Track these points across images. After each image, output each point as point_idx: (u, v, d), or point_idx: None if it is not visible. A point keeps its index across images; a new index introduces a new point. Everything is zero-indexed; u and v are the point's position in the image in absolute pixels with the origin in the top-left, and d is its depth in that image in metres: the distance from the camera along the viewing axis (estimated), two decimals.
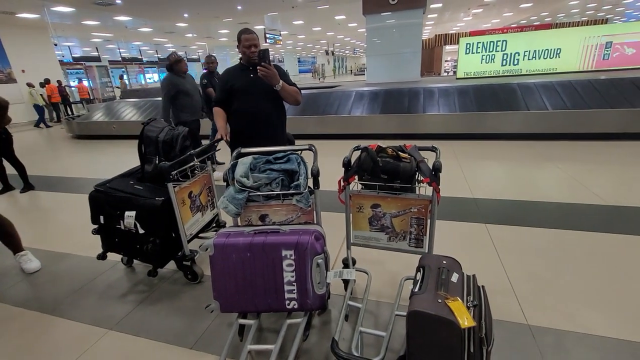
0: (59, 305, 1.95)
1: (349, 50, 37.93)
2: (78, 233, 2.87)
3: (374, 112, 5.71)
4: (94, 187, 1.96)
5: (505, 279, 1.92)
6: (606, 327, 1.54)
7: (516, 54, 7.64)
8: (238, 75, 2.23)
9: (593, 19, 19.63)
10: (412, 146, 1.64)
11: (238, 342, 1.53)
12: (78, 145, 7.05)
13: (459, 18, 17.39)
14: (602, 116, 4.66)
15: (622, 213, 2.61)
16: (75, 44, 17.81)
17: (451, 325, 0.97)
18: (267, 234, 1.42)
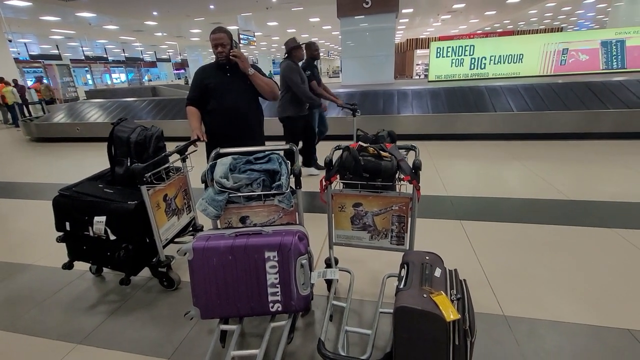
0: (19, 320, 1.80)
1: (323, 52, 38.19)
2: (39, 242, 2.66)
3: (349, 113, 5.76)
4: (58, 192, 1.82)
5: (481, 272, 2.00)
6: (573, 314, 1.64)
7: (483, 59, 8.02)
8: (213, 74, 2.18)
9: (550, 27, 21.05)
10: (392, 145, 1.66)
11: (220, 349, 1.48)
12: (37, 149, 6.57)
13: (428, 23, 18.03)
14: (561, 117, 4.99)
15: (583, 207, 2.80)
16: (33, 40, 16.65)
17: (437, 319, 0.99)
18: (249, 236, 1.38)
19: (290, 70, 3.38)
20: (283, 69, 3.44)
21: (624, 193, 3.00)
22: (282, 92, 3.43)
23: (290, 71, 3.37)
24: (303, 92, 3.39)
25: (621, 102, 4.92)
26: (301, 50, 3.52)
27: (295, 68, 3.40)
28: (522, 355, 1.42)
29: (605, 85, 5.24)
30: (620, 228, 2.41)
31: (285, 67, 3.41)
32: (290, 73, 3.37)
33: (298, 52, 3.48)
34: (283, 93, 3.44)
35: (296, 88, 3.36)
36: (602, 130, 4.90)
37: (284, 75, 3.41)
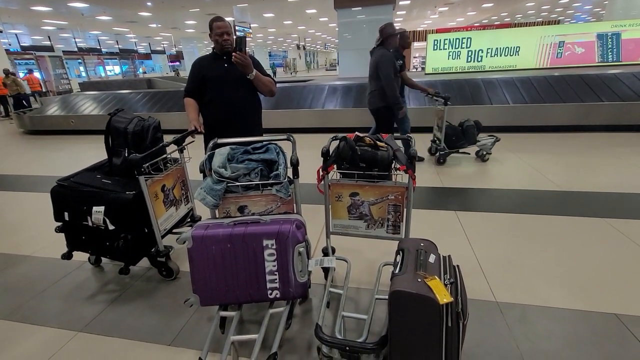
0: (19, 309, 1.82)
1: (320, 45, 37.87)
2: (37, 234, 2.67)
3: (347, 105, 5.77)
4: (56, 182, 1.83)
5: (475, 260, 2.04)
6: (563, 300, 1.69)
7: (480, 51, 8.02)
8: (211, 65, 2.17)
9: (547, 20, 21.02)
10: (389, 135, 1.68)
11: (220, 335, 1.51)
12: (31, 141, 6.51)
13: (426, 15, 17.91)
14: (556, 110, 5.03)
15: (574, 198, 2.85)
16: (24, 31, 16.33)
17: (431, 302, 1.02)
18: (248, 225, 1.40)
19: (386, 60, 3.11)
20: (378, 57, 3.17)
21: (615, 184, 3.06)
22: (373, 80, 3.26)
23: (385, 61, 3.11)
24: (392, 90, 3.11)
25: (615, 95, 4.96)
26: (396, 39, 3.26)
27: (390, 58, 3.14)
28: (513, 339, 1.47)
29: (600, 78, 5.28)
30: (611, 218, 2.46)
31: (381, 56, 3.14)
32: (384, 64, 3.10)
33: (393, 41, 3.22)
34: (376, 82, 3.23)
35: (386, 83, 3.11)
36: (596, 123, 4.95)
37: (378, 64, 3.14)
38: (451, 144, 3.79)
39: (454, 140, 3.77)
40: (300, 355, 1.44)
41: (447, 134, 3.73)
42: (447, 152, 3.80)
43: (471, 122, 3.76)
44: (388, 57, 3.12)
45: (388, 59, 3.11)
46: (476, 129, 3.76)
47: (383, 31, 3.18)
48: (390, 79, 3.09)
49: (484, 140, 3.85)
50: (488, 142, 3.83)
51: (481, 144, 3.83)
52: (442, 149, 3.79)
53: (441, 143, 3.77)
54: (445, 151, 3.79)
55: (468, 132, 3.73)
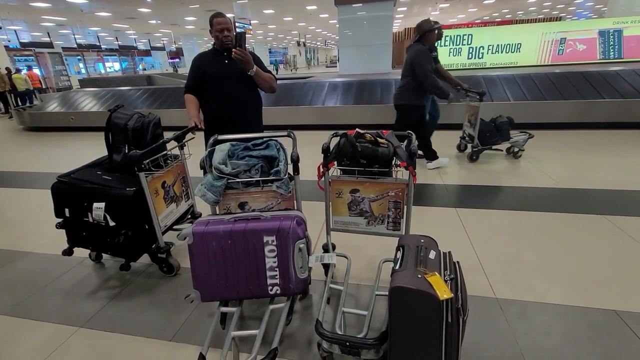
0: (21, 305, 1.82)
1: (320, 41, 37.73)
2: (37, 230, 2.67)
3: (347, 102, 5.76)
4: (57, 178, 1.83)
5: (475, 257, 2.05)
6: (562, 296, 1.69)
7: (481, 48, 7.99)
8: (211, 61, 2.17)
9: (548, 16, 20.91)
10: (389, 132, 1.68)
11: (220, 331, 1.52)
12: (31, 138, 6.51)
13: (427, 12, 17.81)
14: (557, 107, 5.02)
15: (575, 195, 2.85)
16: (23, 28, 16.26)
17: (431, 297, 1.02)
18: (248, 221, 1.41)
19: (423, 56, 3.08)
20: (414, 53, 3.14)
21: (615, 181, 3.06)
22: (404, 77, 3.23)
23: (423, 57, 3.08)
24: (433, 83, 3.11)
25: (617, 92, 4.94)
26: (434, 34, 3.20)
27: (427, 54, 3.10)
28: (512, 335, 1.47)
29: (602, 75, 5.26)
30: (610, 215, 2.46)
31: (417, 52, 3.11)
32: (422, 59, 3.07)
33: (431, 36, 3.17)
34: (406, 79, 3.21)
35: (425, 77, 3.09)
36: (597, 120, 4.94)
37: (415, 60, 3.11)
38: (485, 140, 3.70)
39: (488, 136, 3.68)
40: (301, 350, 1.45)
41: (480, 130, 3.64)
42: (480, 148, 3.73)
43: (504, 118, 3.70)
44: (424, 53, 3.08)
45: (424, 55, 3.08)
46: (510, 124, 3.69)
47: (420, 27, 3.15)
48: (428, 74, 3.07)
49: (516, 136, 3.77)
50: (520, 139, 3.76)
51: (513, 140, 3.75)
52: (475, 146, 3.71)
53: (474, 140, 3.69)
54: (479, 148, 3.72)
55: (502, 129, 3.65)
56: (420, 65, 3.07)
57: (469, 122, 3.87)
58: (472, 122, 3.77)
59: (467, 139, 3.95)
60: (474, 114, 3.71)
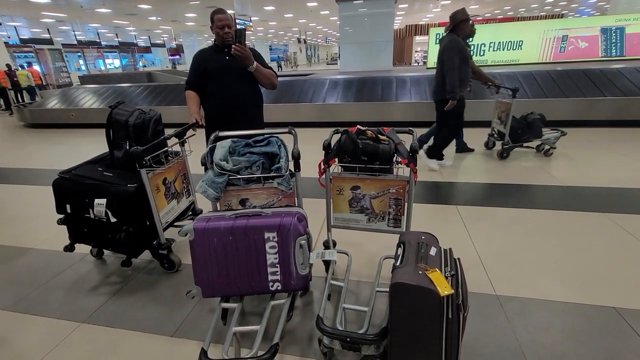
0: (23, 301, 1.83)
1: (321, 39, 37.59)
2: (39, 226, 2.68)
3: (348, 100, 5.75)
4: (58, 175, 1.83)
5: (475, 254, 2.05)
6: (562, 293, 1.70)
7: (482, 45, 7.96)
8: (212, 57, 2.16)
9: (550, 13, 20.79)
10: (390, 129, 1.68)
11: (222, 327, 1.53)
12: (31, 135, 6.51)
13: (428, 9, 17.73)
14: (559, 105, 5.00)
15: (576, 193, 2.85)
16: (23, 24, 16.21)
17: (431, 294, 1.03)
18: (249, 217, 1.41)
19: (454, 47, 2.95)
20: (446, 44, 3.02)
21: (617, 179, 3.05)
22: (439, 69, 3.11)
23: (453, 49, 2.95)
24: (452, 79, 2.97)
25: (618, 90, 4.93)
26: (469, 25, 3.05)
27: (460, 46, 2.99)
28: (512, 332, 1.48)
29: (603, 73, 5.24)
30: (612, 213, 2.46)
31: (450, 42, 2.99)
32: (452, 51, 2.95)
33: (465, 27, 3.03)
34: (441, 71, 3.08)
35: (448, 70, 2.96)
36: (599, 118, 4.93)
37: (445, 49, 3.00)
38: (516, 137, 3.64)
39: (519, 134, 3.62)
40: (302, 346, 1.46)
41: (512, 127, 3.58)
42: (511, 146, 3.67)
43: (537, 115, 3.65)
44: (456, 43, 2.95)
45: (455, 45, 2.94)
46: (541, 121, 3.64)
47: (454, 17, 3.03)
48: (453, 65, 2.93)
49: (548, 134, 3.71)
50: (551, 137, 3.70)
51: (544, 138, 3.69)
52: (505, 143, 3.66)
53: (505, 137, 3.63)
54: (509, 145, 3.66)
55: (534, 126, 3.60)
56: (450, 58, 2.94)
57: (499, 119, 3.79)
58: (502, 119, 3.70)
59: (496, 136, 3.88)
60: (505, 111, 3.64)
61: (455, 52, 2.96)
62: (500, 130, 3.76)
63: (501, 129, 3.75)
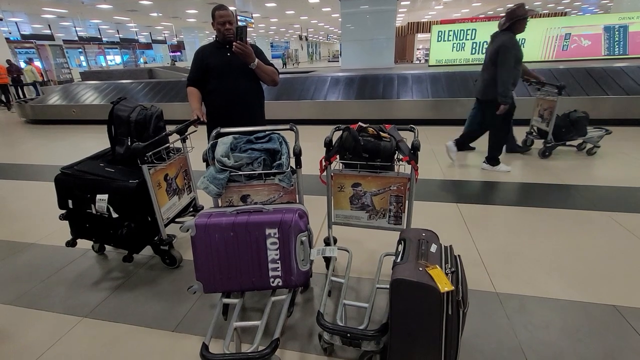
0: (25, 295, 1.85)
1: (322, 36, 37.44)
2: (41, 222, 2.69)
3: (349, 97, 5.74)
4: (60, 170, 1.84)
5: (476, 252, 2.06)
6: (562, 291, 1.70)
7: (485, 43, 7.90)
8: (213, 54, 2.16)
9: (553, 11, 20.66)
10: (392, 126, 1.68)
11: (222, 322, 1.54)
12: (33, 130, 6.52)
13: (430, 6, 17.62)
14: (560, 103, 4.97)
15: (577, 191, 2.85)
16: (24, 19, 16.16)
17: (431, 290, 1.03)
18: (251, 213, 1.41)
19: (512, 47, 2.82)
20: (503, 43, 2.87)
21: (618, 178, 3.05)
22: (489, 67, 2.99)
23: (511, 49, 2.82)
24: (506, 81, 2.83)
25: (621, 88, 4.91)
26: (525, 23, 2.91)
27: (517, 46, 2.86)
28: (512, 329, 1.49)
29: (606, 72, 5.21)
30: (614, 212, 2.46)
31: (507, 42, 2.85)
32: (509, 51, 2.82)
33: (523, 25, 2.91)
34: (492, 70, 2.96)
35: (502, 69, 2.84)
36: (601, 117, 4.90)
37: (501, 49, 2.86)
38: (560, 136, 3.55)
39: (564, 132, 3.54)
40: (302, 341, 1.47)
41: (556, 125, 3.51)
42: (554, 144, 3.59)
43: (581, 112, 3.57)
44: (514, 43, 2.83)
45: (514, 44, 2.83)
46: (585, 119, 3.56)
47: (513, 13, 2.89)
48: (508, 66, 2.81)
49: (591, 132, 3.62)
50: (595, 135, 3.62)
51: (587, 136, 3.60)
52: (548, 142, 3.57)
53: (548, 135, 3.55)
54: (552, 144, 3.57)
55: (579, 124, 3.51)
56: (506, 57, 2.81)
57: (540, 116, 3.72)
58: (545, 116, 3.63)
59: (535, 134, 3.82)
60: (547, 109, 3.57)
61: (512, 53, 2.83)
62: (542, 128, 3.67)
63: (543, 127, 3.66)
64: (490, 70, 3.01)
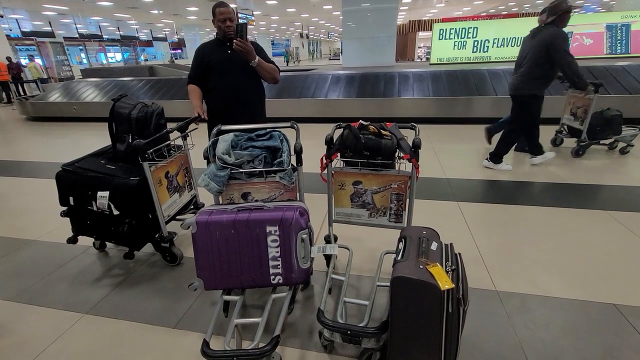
0: (27, 292, 1.85)
1: (323, 33, 37.34)
2: (42, 219, 2.69)
3: (350, 95, 5.73)
4: (61, 167, 1.84)
5: (476, 250, 2.06)
6: (562, 290, 1.70)
7: (486, 41, 7.89)
8: (214, 51, 2.15)
9: None
10: (393, 124, 1.68)
11: (223, 319, 1.54)
12: (34, 128, 6.52)
13: (432, 4, 17.57)
14: (562, 102, 4.96)
15: (577, 189, 2.85)
16: (25, 16, 16.14)
17: (432, 288, 1.03)
18: (251, 211, 1.41)
19: (561, 39, 2.78)
20: (551, 36, 2.81)
21: (619, 177, 3.05)
22: (530, 64, 2.94)
23: (563, 41, 2.79)
24: (575, 70, 2.81)
25: (623, 87, 4.89)
26: (569, 17, 2.89)
27: (567, 38, 2.82)
28: (512, 327, 1.49)
29: (608, 70, 5.20)
30: (613, 210, 2.46)
31: (556, 35, 2.80)
32: (562, 43, 2.78)
33: (567, 19, 2.87)
34: (532, 66, 2.92)
35: (568, 63, 2.79)
36: None
37: (554, 44, 2.79)
38: (594, 134, 3.50)
39: (598, 130, 3.49)
40: (302, 339, 1.47)
41: (590, 124, 3.45)
42: (588, 143, 3.53)
43: (615, 111, 3.53)
44: (564, 36, 2.80)
45: (564, 38, 2.79)
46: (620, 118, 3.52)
47: (557, 8, 2.83)
48: (571, 61, 2.79)
49: (624, 131, 3.59)
50: (628, 134, 3.59)
51: (621, 135, 3.58)
52: (582, 140, 3.52)
53: (582, 134, 3.50)
54: (586, 142, 3.52)
55: (613, 122, 3.47)
56: (562, 50, 2.77)
57: (573, 114, 3.67)
58: (578, 115, 3.58)
59: (566, 132, 3.78)
60: (582, 107, 3.52)
61: (566, 44, 2.80)
62: (574, 127, 3.63)
63: (575, 126, 3.61)
64: (529, 65, 2.96)
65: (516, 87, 3.11)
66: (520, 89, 3.06)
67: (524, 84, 3.02)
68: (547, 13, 2.92)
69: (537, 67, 2.91)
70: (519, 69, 3.11)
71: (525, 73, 3.01)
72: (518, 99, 3.15)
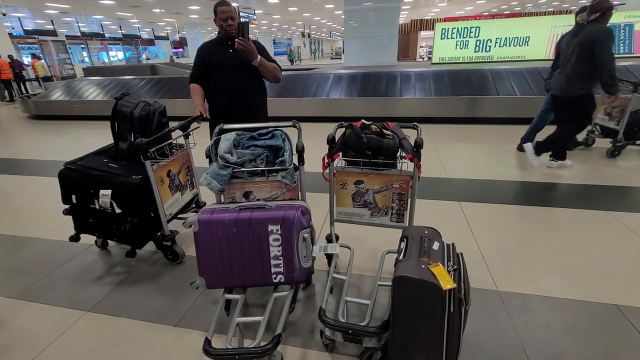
0: (29, 289, 1.86)
1: (325, 33, 37.30)
2: (44, 217, 2.70)
3: (352, 95, 5.73)
4: (64, 165, 1.84)
5: (477, 250, 2.06)
6: (564, 290, 1.70)
7: (488, 41, 7.87)
8: (216, 50, 2.16)
9: (558, 9, 20.49)
10: (395, 124, 1.67)
11: (225, 317, 1.55)
12: (36, 126, 6.54)
13: (434, 4, 17.52)
14: None
15: (579, 190, 2.84)
16: (27, 15, 16.17)
17: (434, 287, 1.03)
18: (253, 210, 1.42)
19: (606, 37, 2.71)
20: (598, 33, 2.75)
21: (620, 177, 3.04)
22: (577, 63, 2.86)
23: (609, 39, 2.72)
24: (611, 72, 2.73)
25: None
26: (611, 14, 2.83)
27: (613, 36, 2.76)
28: (513, 327, 1.49)
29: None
30: (615, 211, 2.45)
31: (602, 32, 2.73)
32: (608, 41, 2.71)
33: (609, 15, 2.81)
34: (580, 64, 2.85)
35: (610, 62, 2.72)
36: None
37: (600, 41, 2.72)
38: (632, 134, 3.44)
39: (636, 130, 3.42)
40: (304, 337, 1.48)
41: (628, 124, 3.39)
42: (624, 143, 3.47)
43: None
44: (608, 34, 2.74)
45: (610, 33, 2.73)
46: None
47: (600, 4, 2.77)
48: (612, 61, 2.72)
49: None
50: None
51: None
52: (618, 141, 3.46)
53: (619, 134, 3.45)
54: (622, 143, 3.46)
55: None
56: (606, 46, 2.70)
57: (607, 114, 3.62)
58: (613, 115, 3.53)
59: (598, 132, 3.73)
60: (619, 106, 3.47)
61: (610, 43, 2.73)
62: (608, 127, 3.58)
63: (610, 126, 3.57)
64: (576, 64, 2.88)
65: (563, 89, 3.02)
66: (569, 91, 2.98)
67: (572, 85, 2.94)
68: (589, 11, 2.85)
69: (586, 65, 2.83)
70: (564, 70, 3.02)
71: (572, 74, 2.93)
72: (561, 100, 3.07)
